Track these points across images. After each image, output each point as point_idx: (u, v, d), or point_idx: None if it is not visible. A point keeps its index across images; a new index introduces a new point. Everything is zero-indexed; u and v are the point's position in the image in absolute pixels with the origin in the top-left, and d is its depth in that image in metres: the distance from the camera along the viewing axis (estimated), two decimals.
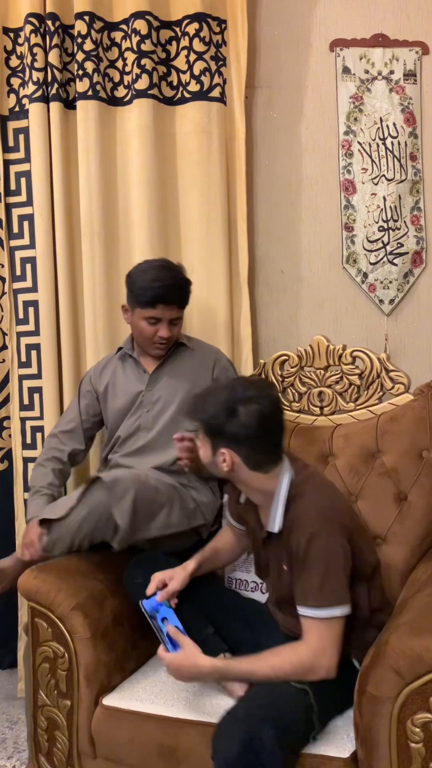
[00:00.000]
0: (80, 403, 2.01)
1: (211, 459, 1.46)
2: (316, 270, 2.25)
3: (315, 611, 1.36)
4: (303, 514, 1.41)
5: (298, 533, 1.39)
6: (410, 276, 2.18)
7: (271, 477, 1.46)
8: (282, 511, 1.44)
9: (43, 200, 2.18)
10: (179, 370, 1.92)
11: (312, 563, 1.37)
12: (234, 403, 1.40)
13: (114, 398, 1.95)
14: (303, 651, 1.36)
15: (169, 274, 1.85)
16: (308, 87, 2.22)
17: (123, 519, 1.64)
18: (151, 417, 1.90)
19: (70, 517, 1.66)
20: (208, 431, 1.44)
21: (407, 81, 2.14)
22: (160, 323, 1.84)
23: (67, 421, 2.01)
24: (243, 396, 1.41)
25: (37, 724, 1.63)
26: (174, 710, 1.49)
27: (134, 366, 1.95)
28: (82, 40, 2.11)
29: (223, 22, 2.15)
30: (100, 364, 2.04)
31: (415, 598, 1.44)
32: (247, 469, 1.44)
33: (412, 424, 1.80)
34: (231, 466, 1.43)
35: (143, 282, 1.83)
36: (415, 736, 1.23)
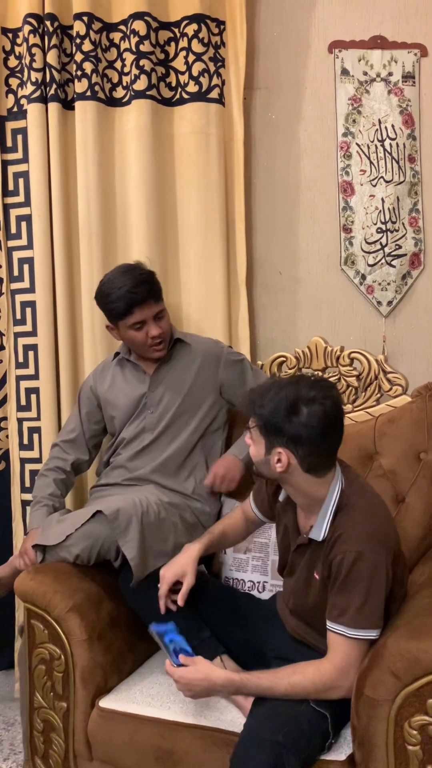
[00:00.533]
0: (81, 411, 1.99)
1: (264, 458, 1.39)
2: (314, 271, 2.25)
3: (350, 630, 1.32)
4: (352, 529, 1.35)
5: (345, 548, 1.33)
6: (408, 278, 2.18)
7: (323, 483, 1.40)
8: (330, 520, 1.39)
9: (41, 201, 2.18)
10: (180, 368, 1.91)
11: (356, 582, 1.32)
12: (297, 401, 1.34)
13: (116, 403, 1.93)
14: (327, 669, 1.33)
15: (129, 276, 1.84)
16: (307, 88, 2.22)
17: (131, 550, 1.61)
18: (155, 417, 1.89)
19: (66, 545, 1.65)
20: (266, 429, 1.37)
21: (406, 83, 2.14)
22: (146, 324, 1.83)
23: (69, 430, 2.00)
24: (307, 395, 1.34)
25: (33, 726, 1.63)
26: (171, 713, 1.48)
27: (133, 369, 1.94)
28: (81, 40, 2.11)
29: (221, 24, 2.15)
30: (97, 369, 2.03)
31: (413, 600, 1.44)
32: (301, 471, 1.37)
33: (410, 426, 1.80)
34: (286, 467, 1.37)
35: (110, 295, 1.83)
36: (412, 738, 1.22)
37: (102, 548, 1.64)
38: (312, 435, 1.34)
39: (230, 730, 1.40)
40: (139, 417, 1.90)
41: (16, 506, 2.32)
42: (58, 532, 1.67)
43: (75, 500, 2.26)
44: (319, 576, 1.42)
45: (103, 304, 1.87)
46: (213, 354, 1.94)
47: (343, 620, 1.33)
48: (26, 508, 2.30)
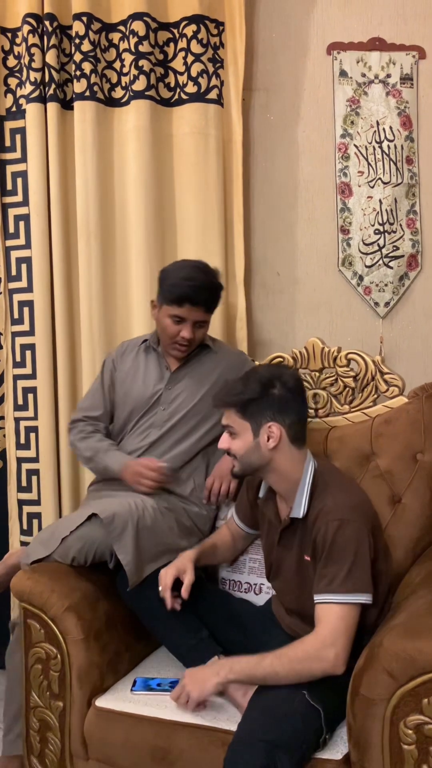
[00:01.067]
0: (104, 386, 1.94)
1: (253, 442, 1.47)
2: (312, 272, 2.26)
3: (339, 596, 1.35)
4: (332, 502, 1.43)
5: (327, 519, 1.40)
6: (405, 279, 2.19)
7: (300, 460, 1.50)
8: (307, 496, 1.46)
9: (39, 200, 2.18)
10: (202, 372, 1.89)
11: (342, 549, 1.38)
12: (269, 377, 1.48)
13: (131, 388, 1.90)
14: (310, 640, 1.36)
15: (202, 275, 1.82)
16: (305, 90, 2.22)
17: (126, 555, 1.60)
18: (166, 414, 1.87)
19: (62, 547, 1.64)
20: (250, 410, 1.46)
21: (404, 85, 2.14)
22: (184, 323, 1.81)
23: (89, 406, 1.95)
24: (275, 371, 1.52)
25: (29, 725, 1.63)
26: (167, 712, 1.48)
27: (157, 361, 1.91)
28: (80, 40, 2.11)
29: (220, 25, 2.16)
30: (121, 348, 1.99)
31: (409, 600, 1.44)
32: (288, 444, 1.47)
33: (407, 427, 1.80)
34: (278, 440, 1.45)
35: (175, 279, 1.80)
36: (408, 738, 1.23)
37: (97, 551, 1.64)
38: (293, 399, 1.48)
39: (226, 728, 1.40)
40: (150, 412, 1.89)
41: (13, 505, 2.32)
42: (55, 537, 1.66)
43: (72, 500, 2.26)
44: (310, 557, 1.45)
45: (163, 280, 1.85)
46: (235, 366, 1.92)
47: (331, 588, 1.36)
48: (23, 507, 2.30)
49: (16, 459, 2.30)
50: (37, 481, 2.27)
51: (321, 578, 1.39)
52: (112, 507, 1.66)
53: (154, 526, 1.68)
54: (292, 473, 1.49)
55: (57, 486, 2.25)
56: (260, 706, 1.35)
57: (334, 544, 1.38)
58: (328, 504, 1.43)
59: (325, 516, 1.41)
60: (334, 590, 1.36)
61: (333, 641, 1.34)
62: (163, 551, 1.67)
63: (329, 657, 1.33)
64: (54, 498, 2.24)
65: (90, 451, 1.87)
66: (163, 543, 1.68)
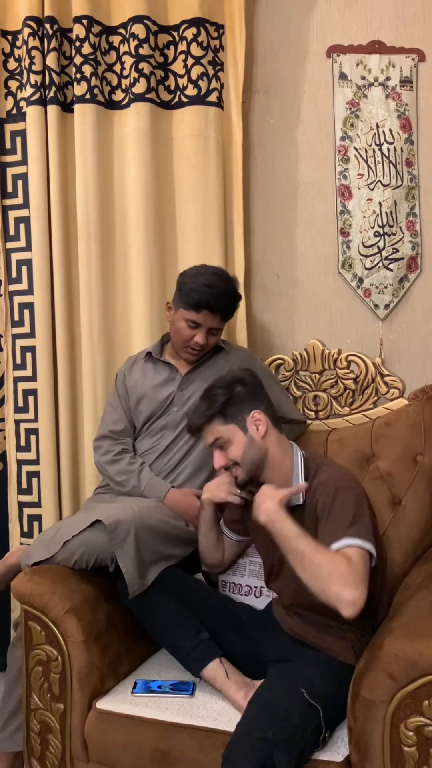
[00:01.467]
0: (121, 399, 1.94)
1: (246, 439, 1.52)
2: (311, 274, 2.26)
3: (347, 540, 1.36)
4: (326, 479, 1.49)
5: (324, 489, 1.46)
6: (405, 281, 2.19)
7: (287, 447, 1.57)
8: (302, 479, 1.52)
9: (39, 203, 2.19)
10: (213, 372, 1.87)
11: (341, 508, 1.42)
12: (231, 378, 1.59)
13: (144, 393, 1.90)
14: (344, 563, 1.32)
15: (222, 283, 1.81)
16: (305, 92, 2.23)
17: (128, 563, 1.60)
18: (179, 416, 1.87)
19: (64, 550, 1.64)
20: (230, 410, 1.53)
21: (403, 87, 2.15)
22: (199, 329, 1.81)
23: (113, 421, 1.93)
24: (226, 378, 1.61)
25: (30, 727, 1.63)
26: (167, 714, 1.48)
27: (166, 368, 1.91)
28: (81, 43, 2.12)
29: (220, 27, 2.16)
30: (128, 361, 1.99)
31: (410, 601, 1.44)
32: (272, 428, 1.55)
33: (407, 429, 1.81)
34: (265, 426, 1.53)
35: (194, 284, 1.80)
36: (408, 739, 1.23)
37: (99, 556, 1.64)
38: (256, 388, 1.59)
39: (227, 730, 1.40)
40: (164, 413, 1.88)
41: (13, 508, 2.32)
42: (56, 540, 1.66)
43: (72, 502, 2.26)
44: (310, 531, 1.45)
45: (182, 283, 1.84)
46: (244, 364, 1.92)
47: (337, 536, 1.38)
48: (23, 509, 2.30)
49: (17, 461, 2.30)
50: (37, 483, 2.27)
51: (324, 536, 1.40)
52: (115, 514, 1.66)
53: (154, 533, 1.68)
54: (284, 462, 1.55)
55: (57, 488, 2.25)
56: (258, 704, 1.36)
57: (333, 506, 1.43)
58: (322, 482, 1.49)
59: (323, 486, 1.47)
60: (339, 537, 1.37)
61: (361, 580, 1.31)
62: (160, 558, 1.67)
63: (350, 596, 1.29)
64: (54, 500, 2.24)
65: (122, 476, 1.85)
66: (161, 551, 1.68)
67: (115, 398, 1.96)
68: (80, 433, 2.25)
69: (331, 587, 1.30)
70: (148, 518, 1.69)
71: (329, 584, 1.30)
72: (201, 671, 1.55)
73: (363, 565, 1.34)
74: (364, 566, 1.35)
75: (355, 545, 1.36)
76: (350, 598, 1.28)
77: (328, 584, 1.30)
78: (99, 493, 1.95)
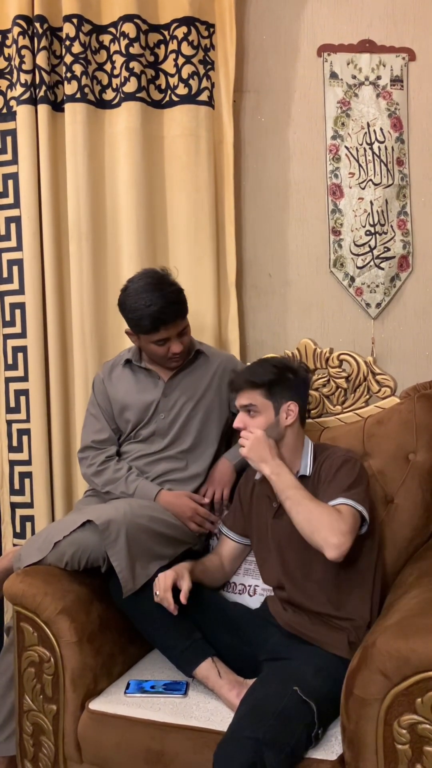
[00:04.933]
0: (101, 407, 1.92)
1: (274, 419, 1.62)
2: (303, 273, 2.26)
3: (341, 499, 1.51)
4: (333, 454, 1.63)
5: (331, 460, 1.60)
6: (397, 280, 2.20)
7: (301, 435, 1.68)
8: (311, 456, 1.65)
9: (30, 202, 2.18)
10: (196, 377, 1.89)
11: (344, 474, 1.56)
12: (286, 363, 1.70)
13: (128, 401, 1.88)
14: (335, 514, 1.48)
15: (161, 293, 1.74)
16: (296, 91, 2.23)
17: (120, 562, 1.60)
18: (167, 423, 1.86)
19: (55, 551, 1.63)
20: (273, 390, 1.62)
21: (394, 86, 2.15)
22: (170, 341, 1.79)
23: (96, 430, 1.91)
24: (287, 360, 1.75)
25: (23, 729, 1.62)
26: (161, 714, 1.48)
27: (147, 374, 1.90)
28: (71, 42, 2.11)
29: (211, 26, 2.16)
30: (106, 366, 1.97)
31: (402, 599, 1.44)
32: (298, 420, 1.66)
33: (399, 427, 1.81)
34: (295, 417, 1.64)
35: (138, 311, 1.75)
36: (402, 737, 1.23)
37: (90, 556, 1.63)
38: (305, 384, 1.71)
39: (220, 730, 1.40)
40: (151, 420, 1.87)
41: (5, 509, 2.31)
42: (48, 541, 1.65)
43: (65, 503, 2.25)
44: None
45: (125, 313, 1.80)
46: (228, 368, 1.93)
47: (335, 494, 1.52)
48: (15, 510, 2.29)
49: (9, 462, 2.29)
50: (29, 484, 2.26)
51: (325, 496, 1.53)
52: (106, 513, 1.65)
53: (146, 532, 1.68)
54: (296, 445, 1.66)
55: (50, 489, 2.24)
56: (250, 703, 1.36)
57: (338, 472, 1.56)
58: (328, 456, 1.63)
59: (330, 458, 1.61)
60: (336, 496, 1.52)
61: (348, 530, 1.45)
62: (152, 558, 1.67)
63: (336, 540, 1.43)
64: (47, 501, 2.23)
65: (109, 485, 1.84)
66: (153, 550, 1.68)
67: (95, 407, 1.93)
68: (72, 434, 2.24)
69: (320, 531, 1.44)
70: (140, 517, 1.69)
71: (319, 528, 1.45)
72: (193, 671, 1.55)
73: (352, 519, 1.48)
74: (354, 520, 1.49)
75: (349, 504, 1.50)
76: (335, 542, 1.43)
77: (319, 528, 1.45)
78: (89, 495, 1.94)
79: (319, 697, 1.35)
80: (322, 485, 1.57)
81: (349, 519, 1.48)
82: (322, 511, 1.47)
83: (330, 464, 1.60)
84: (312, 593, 1.55)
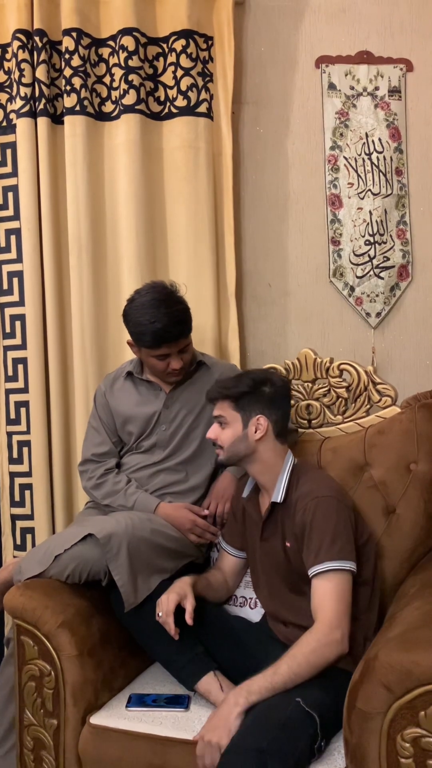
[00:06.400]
0: (102, 420, 1.92)
1: (242, 433, 1.59)
2: (303, 283, 2.26)
3: (327, 564, 1.44)
4: (310, 487, 1.55)
5: (305, 501, 1.51)
6: (396, 289, 2.20)
7: (281, 453, 1.62)
8: (285, 482, 1.58)
9: (30, 215, 2.18)
10: (197, 388, 1.88)
11: (323, 521, 1.48)
12: (264, 376, 1.65)
13: (130, 413, 1.88)
14: (316, 628, 1.41)
15: (166, 310, 1.73)
16: (294, 103, 2.24)
17: (122, 576, 1.59)
18: (168, 435, 1.86)
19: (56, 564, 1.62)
20: (242, 402, 1.59)
21: (392, 97, 2.16)
22: (170, 357, 1.78)
23: (96, 443, 1.91)
24: (265, 373, 1.69)
25: (23, 744, 1.61)
26: (162, 729, 1.47)
27: (148, 386, 1.89)
28: (70, 56, 2.12)
29: (209, 39, 2.17)
30: (108, 379, 1.97)
31: (404, 611, 1.43)
32: (273, 437, 1.61)
33: (400, 437, 1.80)
34: (264, 432, 1.59)
35: (142, 325, 1.74)
36: (405, 751, 1.22)
37: (92, 570, 1.62)
38: (282, 399, 1.64)
39: None
40: (152, 432, 1.87)
41: (6, 521, 2.30)
42: (48, 554, 1.65)
43: (66, 515, 2.25)
44: (291, 543, 1.53)
45: (129, 325, 1.79)
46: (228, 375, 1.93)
47: (319, 558, 1.45)
48: (16, 522, 2.29)
49: (9, 474, 2.29)
50: (30, 495, 2.26)
51: (308, 553, 1.48)
52: (108, 526, 1.64)
53: (147, 545, 1.67)
54: (274, 465, 1.61)
55: (50, 500, 2.24)
56: (253, 714, 1.35)
57: (315, 519, 1.49)
58: (305, 490, 1.55)
59: (304, 498, 1.53)
60: (321, 560, 1.45)
61: (338, 623, 1.41)
62: (154, 571, 1.66)
63: (338, 638, 1.40)
64: (47, 512, 2.22)
65: (108, 498, 1.84)
66: (154, 564, 1.67)
67: (96, 420, 1.93)
68: (73, 445, 2.24)
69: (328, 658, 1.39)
70: (141, 530, 1.68)
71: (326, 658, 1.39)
72: (195, 685, 1.54)
73: (338, 603, 1.42)
74: (341, 602, 1.43)
75: (335, 568, 1.45)
76: (341, 647, 1.40)
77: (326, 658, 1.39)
78: (90, 507, 1.94)
79: (322, 708, 1.34)
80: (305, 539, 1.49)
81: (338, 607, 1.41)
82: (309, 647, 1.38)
83: (304, 507, 1.51)
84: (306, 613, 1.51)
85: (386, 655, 1.24)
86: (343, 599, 1.43)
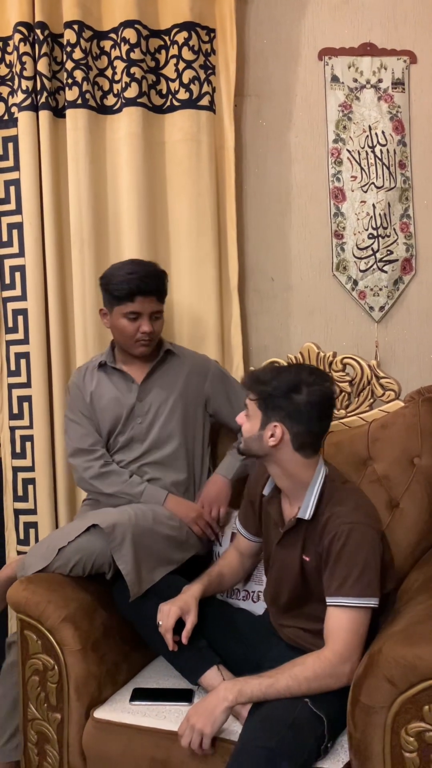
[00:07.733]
0: (81, 412, 1.90)
1: (257, 433, 1.48)
2: (306, 277, 2.25)
3: (351, 600, 1.36)
4: (343, 508, 1.43)
5: (338, 523, 1.41)
6: (400, 283, 2.19)
7: (308, 465, 1.49)
8: (316, 499, 1.46)
9: (32, 208, 2.18)
10: (169, 378, 1.89)
11: (352, 552, 1.38)
12: (299, 382, 1.46)
13: (102, 410, 1.88)
14: (326, 656, 1.35)
15: (143, 266, 1.85)
16: (297, 95, 2.23)
17: (127, 565, 1.59)
18: (144, 428, 1.86)
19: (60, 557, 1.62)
20: (265, 404, 1.47)
21: (395, 89, 2.15)
22: (141, 318, 1.80)
23: (80, 436, 1.88)
24: (308, 379, 1.47)
25: (27, 738, 1.61)
26: (166, 722, 1.47)
27: (121, 377, 1.90)
28: (72, 48, 2.11)
29: (212, 31, 2.16)
30: (79, 373, 1.96)
31: (408, 606, 1.43)
32: (291, 448, 1.47)
33: (403, 431, 1.80)
34: (278, 441, 1.45)
35: (119, 277, 1.82)
36: (409, 745, 1.22)
37: (96, 562, 1.63)
38: (310, 414, 1.46)
39: (227, 738, 1.39)
40: (126, 426, 1.87)
41: (9, 515, 2.31)
42: (52, 548, 1.65)
43: (69, 509, 2.25)
44: (310, 558, 1.45)
45: (107, 284, 1.85)
46: (202, 366, 1.94)
47: (343, 590, 1.37)
48: (19, 517, 2.29)
49: (12, 468, 2.29)
50: (33, 490, 2.26)
51: (332, 581, 1.39)
52: (111, 517, 1.65)
53: (151, 536, 1.67)
54: (298, 474, 1.50)
55: (53, 495, 2.24)
56: (261, 714, 1.34)
57: (345, 548, 1.39)
58: (338, 510, 1.44)
59: (337, 520, 1.42)
60: (346, 593, 1.37)
61: (349, 656, 1.35)
62: (159, 562, 1.66)
63: (345, 672, 1.34)
64: (50, 507, 2.22)
65: (114, 487, 1.81)
66: (158, 554, 1.67)
67: (75, 413, 1.91)
68: None
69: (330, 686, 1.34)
70: (144, 521, 1.68)
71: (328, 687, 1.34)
72: (199, 678, 1.54)
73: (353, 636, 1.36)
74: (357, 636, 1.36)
75: (350, 605, 1.37)
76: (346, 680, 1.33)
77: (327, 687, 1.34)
78: (88, 503, 1.93)
79: (330, 710, 1.34)
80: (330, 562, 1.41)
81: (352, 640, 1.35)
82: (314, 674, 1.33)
83: (335, 531, 1.40)
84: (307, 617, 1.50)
85: (390, 650, 1.24)
86: (358, 633, 1.37)
